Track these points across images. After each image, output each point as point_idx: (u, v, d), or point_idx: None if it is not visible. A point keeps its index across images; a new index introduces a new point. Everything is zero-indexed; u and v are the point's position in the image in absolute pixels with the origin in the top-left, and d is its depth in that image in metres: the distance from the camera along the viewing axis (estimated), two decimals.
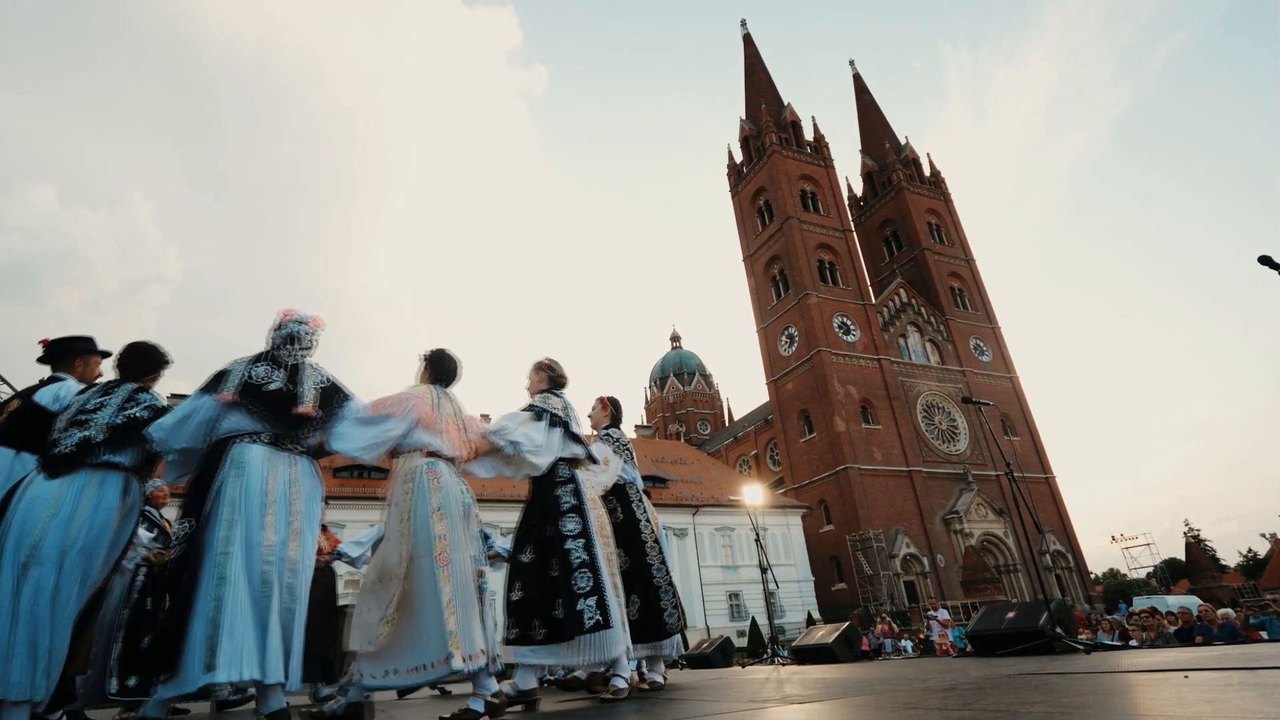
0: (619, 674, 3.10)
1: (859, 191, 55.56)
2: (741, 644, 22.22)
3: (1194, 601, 15.77)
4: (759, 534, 9.77)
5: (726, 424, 66.28)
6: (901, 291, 45.94)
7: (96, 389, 2.82)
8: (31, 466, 2.65)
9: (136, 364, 2.95)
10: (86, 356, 3.29)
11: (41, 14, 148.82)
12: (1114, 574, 62.25)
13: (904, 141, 54.59)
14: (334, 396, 2.79)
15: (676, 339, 76.76)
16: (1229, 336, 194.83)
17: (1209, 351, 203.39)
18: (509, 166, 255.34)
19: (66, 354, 3.25)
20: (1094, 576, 50.19)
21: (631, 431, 45.32)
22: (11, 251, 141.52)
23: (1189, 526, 61.73)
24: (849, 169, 73.75)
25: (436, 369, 3.19)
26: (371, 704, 2.64)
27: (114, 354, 3.02)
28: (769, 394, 45.25)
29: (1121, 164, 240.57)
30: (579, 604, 2.98)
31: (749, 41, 55.48)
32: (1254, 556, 54.71)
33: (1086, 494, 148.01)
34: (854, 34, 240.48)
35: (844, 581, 36.84)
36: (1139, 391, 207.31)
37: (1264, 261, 5.43)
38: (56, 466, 2.57)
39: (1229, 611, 10.31)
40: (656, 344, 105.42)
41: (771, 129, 48.51)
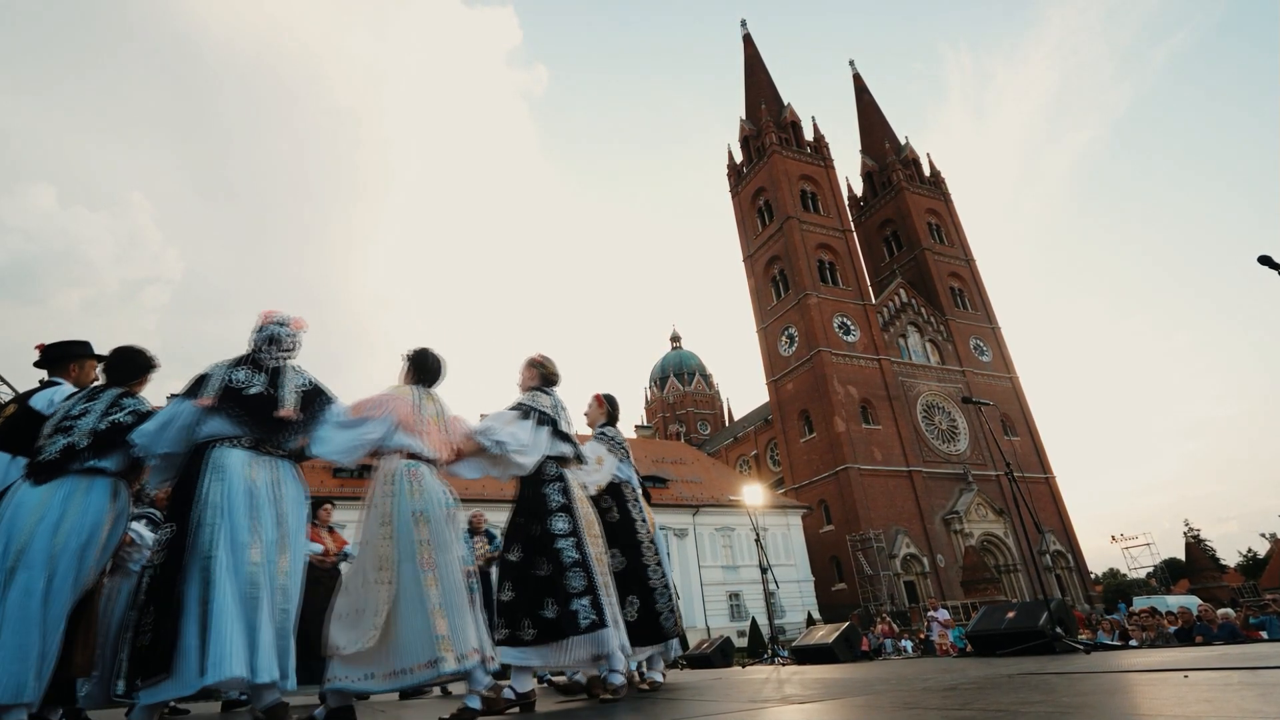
0: (615, 669, 3.07)
1: (859, 191, 55.57)
2: (742, 644, 22.23)
3: (1194, 601, 15.77)
4: (759, 534, 9.77)
5: (726, 424, 66.28)
6: (901, 291, 45.94)
7: (82, 395, 2.82)
8: None
9: (122, 369, 2.95)
10: (81, 361, 3.29)
11: (41, 14, 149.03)
12: (1114, 574, 62.28)
13: (904, 141, 54.61)
14: (316, 399, 2.77)
15: (676, 339, 76.77)
16: (1229, 337, 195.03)
17: (1209, 351, 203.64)
18: (509, 166, 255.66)
19: (62, 358, 3.25)
20: (1094, 576, 50.21)
21: (631, 432, 45.40)
22: (12, 251, 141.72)
23: (1189, 526, 61.89)
24: (849, 169, 73.76)
25: (419, 369, 3.12)
26: (353, 709, 2.59)
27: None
28: (769, 394, 45.26)
29: (1121, 164, 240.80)
30: (573, 603, 2.94)
31: (749, 42, 55.51)
32: (1254, 556, 54.73)
33: (1086, 494, 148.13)
34: (854, 34, 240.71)
35: (844, 581, 36.84)
36: (1139, 392, 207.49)
37: (1264, 261, 5.43)
38: (41, 473, 2.58)
39: (1229, 611, 10.32)
40: (656, 344, 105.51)
41: (771, 129, 48.51)
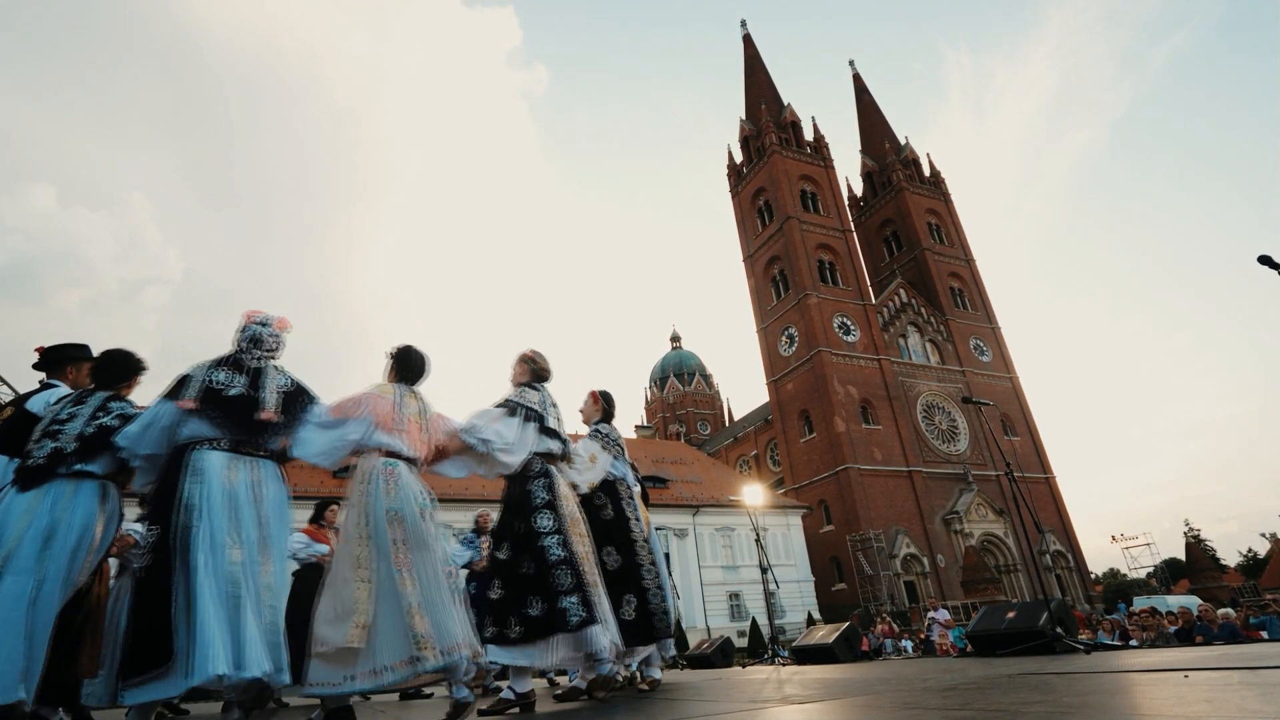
0: (601, 660, 3.00)
1: (859, 191, 55.57)
2: (742, 644, 22.22)
3: (1194, 601, 15.77)
4: (759, 534, 9.77)
5: (726, 424, 66.28)
6: (901, 291, 45.94)
7: (69, 399, 2.84)
8: None
9: (110, 371, 2.96)
10: (79, 363, 3.30)
11: (41, 15, 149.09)
12: (1114, 574, 62.27)
13: (904, 142, 54.61)
14: (298, 400, 2.75)
15: (676, 339, 76.77)
16: (1229, 337, 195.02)
17: (1209, 351, 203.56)
18: (509, 166, 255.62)
19: (59, 361, 3.27)
20: (1094, 576, 50.20)
21: (631, 432, 45.41)
22: (12, 252, 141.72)
23: (1189, 526, 61.80)
24: (849, 169, 73.78)
25: (403, 366, 3.09)
26: (351, 709, 2.58)
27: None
28: (769, 394, 45.25)
29: (1121, 164, 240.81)
30: (561, 601, 2.92)
31: (749, 42, 55.51)
32: (1254, 556, 54.73)
33: (1086, 494, 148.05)
34: (854, 34, 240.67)
35: (844, 582, 36.84)
36: (1139, 392, 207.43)
37: (1263, 261, 5.42)
38: (29, 479, 2.59)
39: (1229, 611, 10.32)
40: (656, 344, 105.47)
41: (771, 129, 48.52)
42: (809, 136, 50.41)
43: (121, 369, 2.99)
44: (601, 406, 4.20)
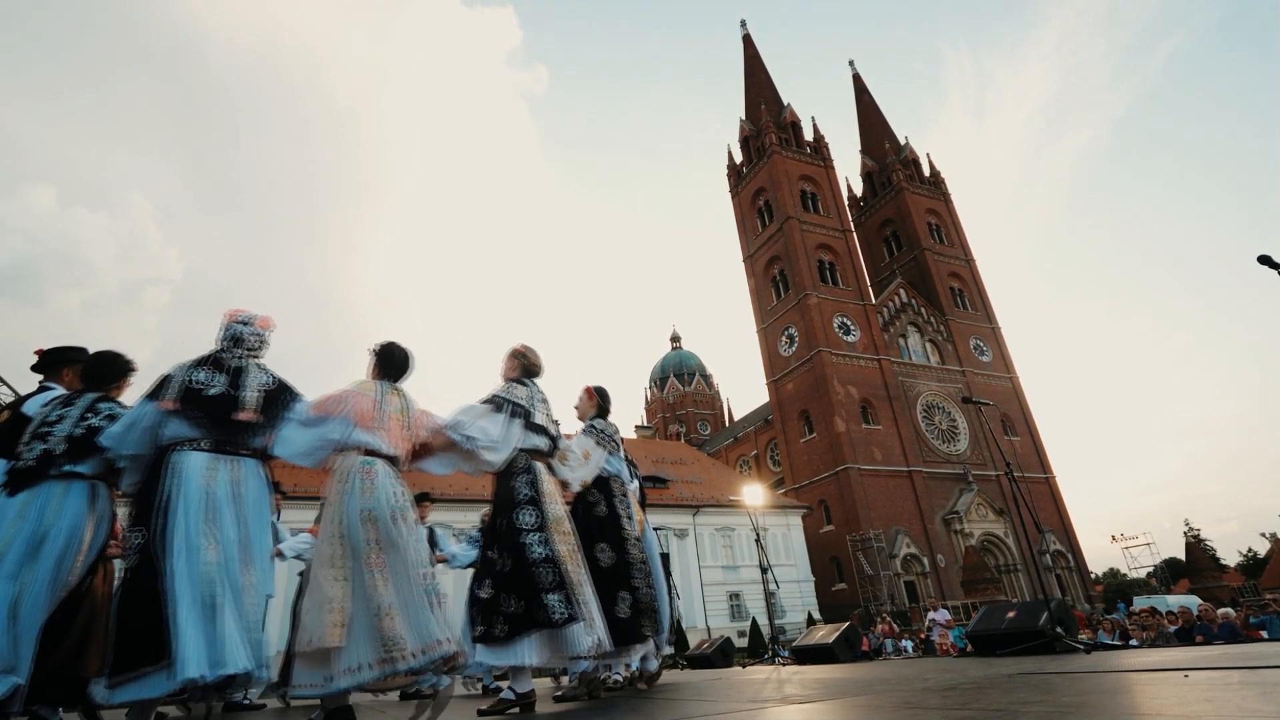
0: (578, 657, 2.94)
1: (859, 192, 55.57)
2: (742, 644, 22.22)
3: (1194, 601, 15.77)
4: (759, 534, 9.77)
5: (727, 424, 66.27)
6: (901, 291, 45.94)
7: (58, 400, 2.85)
8: None
9: (99, 373, 2.97)
10: (75, 366, 3.31)
11: (41, 15, 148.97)
12: (1114, 574, 62.26)
13: (904, 142, 54.60)
14: (280, 398, 2.74)
15: (676, 339, 76.76)
16: (1229, 336, 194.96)
17: (1209, 351, 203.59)
18: (509, 167, 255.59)
19: (56, 364, 3.28)
20: (1094, 576, 50.18)
21: (631, 432, 45.36)
22: (12, 252, 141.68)
23: (1189, 526, 61.76)
24: (849, 169, 73.85)
25: (385, 363, 3.06)
26: (351, 709, 2.57)
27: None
28: (769, 394, 45.25)
29: (1121, 164, 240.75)
30: (544, 598, 2.88)
31: (749, 42, 55.50)
32: (1254, 556, 54.73)
33: (1086, 494, 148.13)
34: (854, 35, 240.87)
35: (844, 582, 36.83)
36: (1139, 392, 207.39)
37: (1263, 261, 5.43)
38: (19, 481, 2.60)
39: (1229, 611, 10.32)
40: (656, 344, 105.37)
41: (771, 129, 48.51)
42: (809, 136, 50.41)
43: (110, 370, 3.00)
44: (596, 402, 4.13)
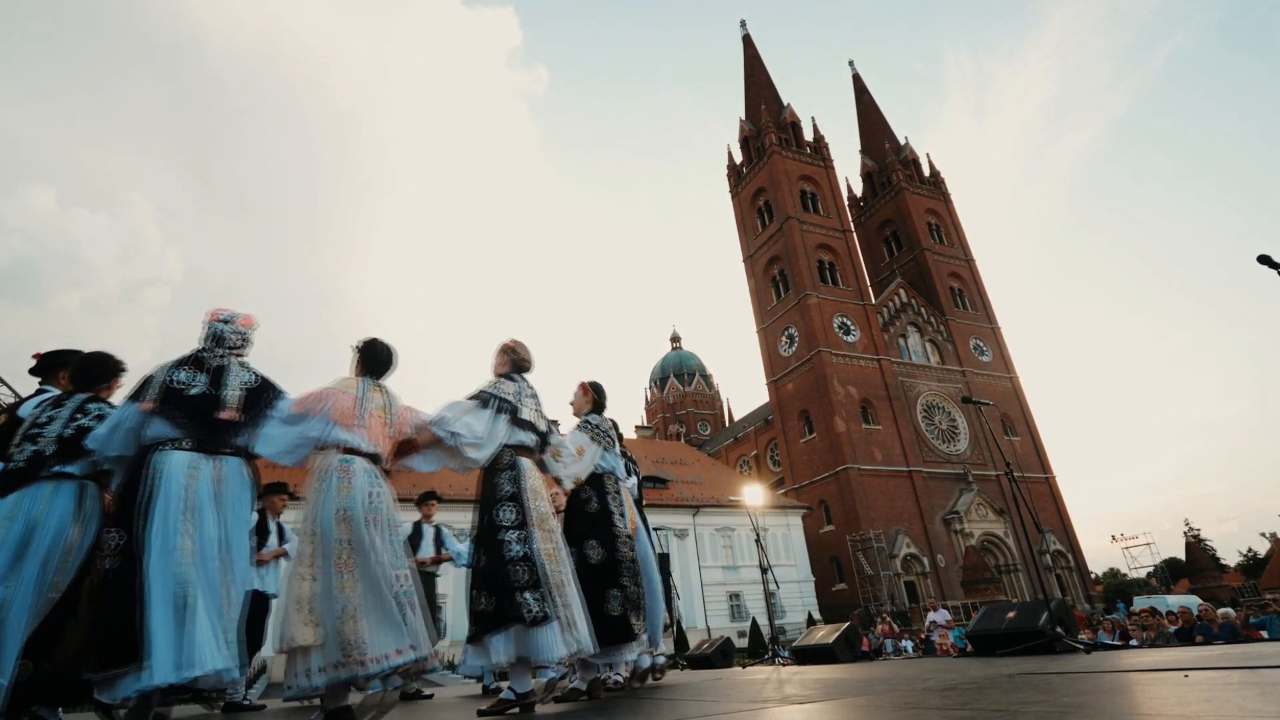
0: (546, 663, 2.86)
1: (859, 192, 55.57)
2: (742, 644, 22.22)
3: (1194, 601, 15.77)
4: (759, 534, 9.77)
5: (727, 424, 66.26)
6: (901, 292, 45.94)
7: (49, 402, 2.86)
8: None
9: (88, 374, 2.98)
10: (70, 369, 3.33)
11: (41, 15, 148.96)
12: (1114, 574, 62.24)
13: (904, 142, 54.60)
14: (263, 395, 2.73)
15: (676, 339, 76.76)
16: (1228, 336, 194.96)
17: (1209, 351, 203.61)
18: (509, 167, 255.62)
19: (53, 367, 3.29)
20: (1094, 576, 50.17)
21: (631, 432, 45.36)
22: (12, 252, 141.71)
23: (1189, 526, 61.66)
24: (849, 169, 73.78)
25: (368, 360, 3.03)
26: (350, 710, 2.57)
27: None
28: (769, 394, 45.24)
29: (1121, 164, 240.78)
30: (517, 596, 2.81)
31: (749, 42, 55.51)
32: (1254, 556, 54.70)
33: (1086, 494, 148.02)
34: (854, 35, 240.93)
35: (844, 582, 36.83)
36: (1139, 391, 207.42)
37: (1263, 261, 5.42)
38: (10, 483, 2.61)
39: (1229, 611, 10.32)
40: (656, 344, 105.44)
41: (771, 129, 48.51)
42: (809, 137, 50.41)
43: (100, 370, 3.01)
44: (592, 397, 4.07)
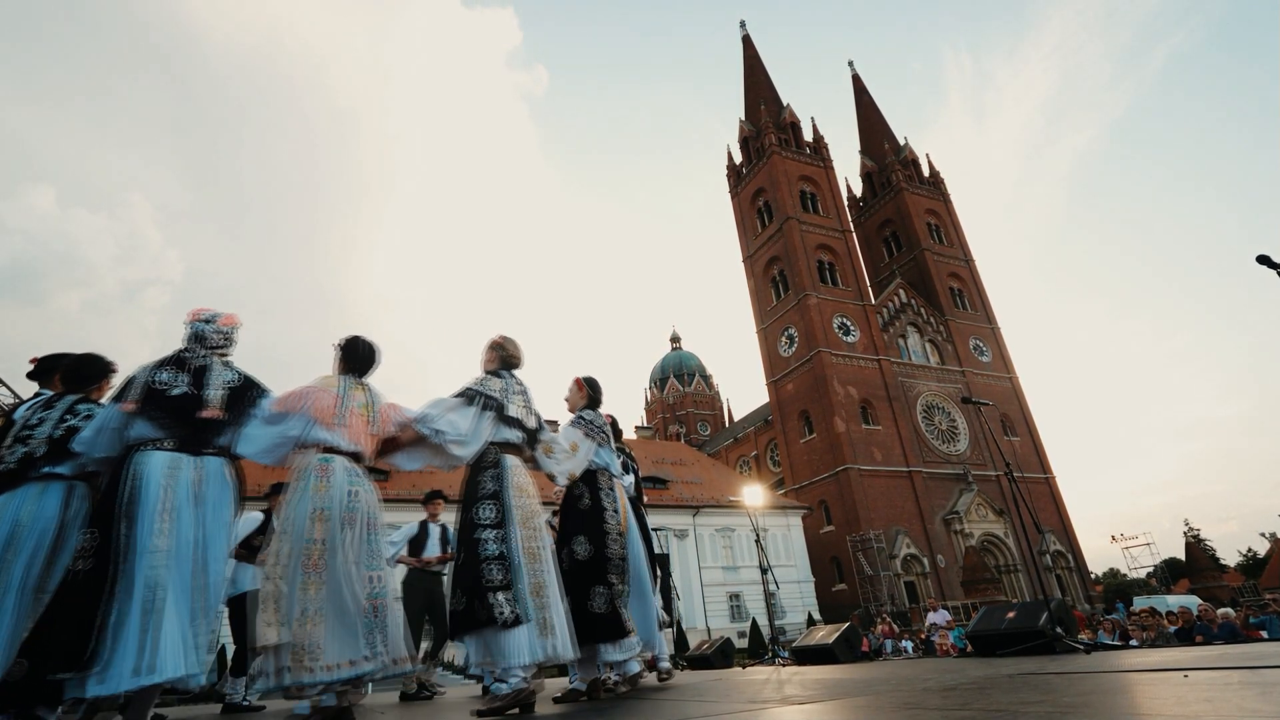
0: (513, 669, 2.76)
1: (859, 192, 55.58)
2: (742, 645, 22.20)
3: (1194, 601, 15.76)
4: (759, 535, 9.77)
5: (726, 425, 66.27)
6: (901, 292, 45.95)
7: (39, 403, 2.88)
8: None
9: (78, 375, 3.00)
10: None
11: (41, 15, 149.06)
12: (1114, 574, 62.21)
13: (903, 142, 54.61)
14: (245, 395, 2.73)
15: (676, 340, 76.77)
16: (1228, 337, 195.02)
17: (1209, 351, 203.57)
18: (509, 167, 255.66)
19: (49, 370, 3.31)
20: (1094, 576, 50.18)
21: (632, 433, 45.30)
22: (12, 252, 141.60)
23: (1189, 526, 61.70)
24: (849, 170, 73.81)
25: (350, 358, 3.02)
26: (350, 710, 2.56)
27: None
28: (769, 395, 45.24)
29: (1121, 164, 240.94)
30: (488, 597, 2.76)
31: (748, 43, 55.52)
32: (1254, 556, 54.71)
33: (1086, 494, 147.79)
34: (853, 35, 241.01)
35: (844, 582, 36.83)
36: (1139, 392, 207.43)
37: (1262, 261, 5.41)
38: (1, 485, 2.64)
39: (1229, 611, 10.33)
40: (656, 345, 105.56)
41: (771, 130, 48.53)
42: (808, 137, 50.42)
43: (90, 371, 3.03)
44: (586, 393, 4.01)
